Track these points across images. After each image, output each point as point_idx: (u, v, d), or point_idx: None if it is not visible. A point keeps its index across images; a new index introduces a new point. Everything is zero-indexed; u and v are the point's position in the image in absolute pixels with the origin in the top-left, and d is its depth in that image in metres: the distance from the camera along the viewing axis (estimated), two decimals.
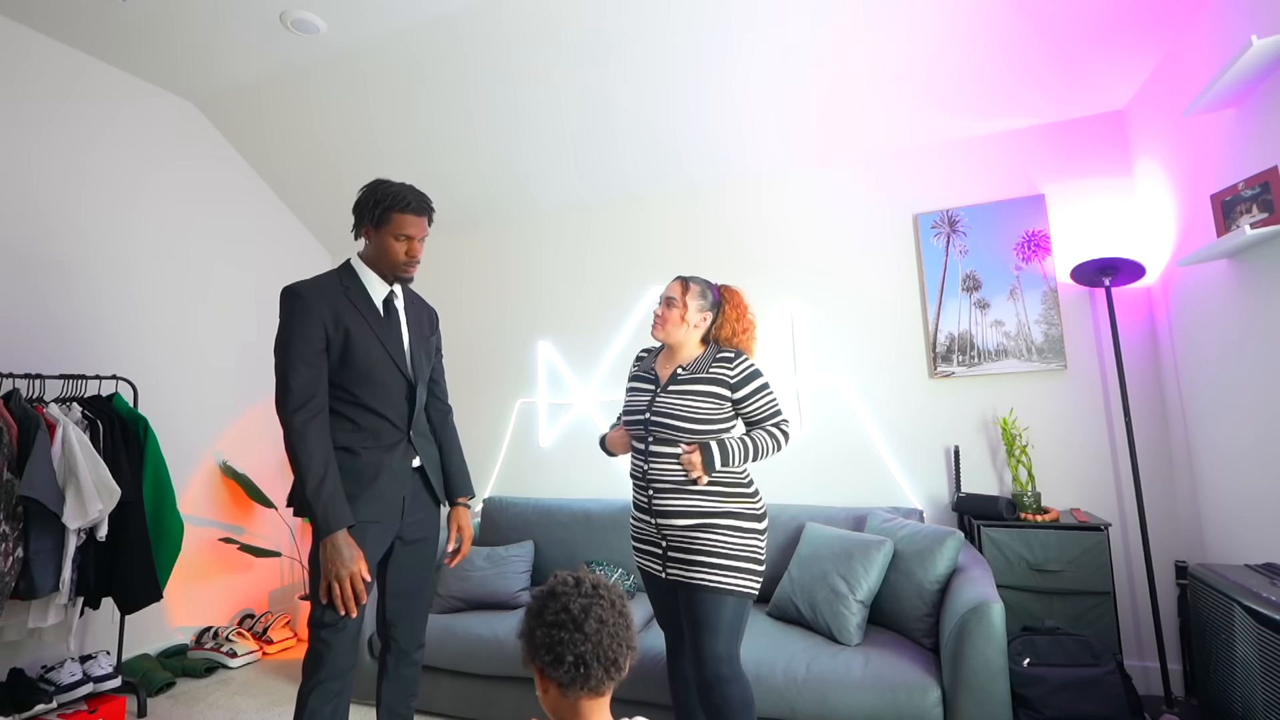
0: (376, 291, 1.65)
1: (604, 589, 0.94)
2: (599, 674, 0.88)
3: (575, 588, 0.93)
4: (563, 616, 0.90)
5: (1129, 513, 2.43)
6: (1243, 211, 1.78)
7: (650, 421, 1.71)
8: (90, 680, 2.40)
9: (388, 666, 1.71)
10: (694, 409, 1.67)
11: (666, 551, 1.68)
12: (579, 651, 0.88)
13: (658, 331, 1.77)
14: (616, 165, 3.13)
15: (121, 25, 2.61)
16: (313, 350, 1.52)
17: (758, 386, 1.70)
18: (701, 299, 1.75)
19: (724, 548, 1.61)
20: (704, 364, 1.73)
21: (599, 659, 0.89)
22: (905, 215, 2.82)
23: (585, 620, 0.89)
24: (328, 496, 1.47)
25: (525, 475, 3.41)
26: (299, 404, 1.49)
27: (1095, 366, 2.52)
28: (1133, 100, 2.48)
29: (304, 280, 1.59)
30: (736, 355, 1.72)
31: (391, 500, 1.61)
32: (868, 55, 2.46)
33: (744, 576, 1.61)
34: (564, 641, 0.89)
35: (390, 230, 1.60)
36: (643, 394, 1.79)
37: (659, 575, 1.72)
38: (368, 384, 1.58)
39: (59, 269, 2.67)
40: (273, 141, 3.34)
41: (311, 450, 1.47)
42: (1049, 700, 1.89)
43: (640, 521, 1.76)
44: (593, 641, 0.89)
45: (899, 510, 2.52)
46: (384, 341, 1.62)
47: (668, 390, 1.72)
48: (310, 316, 1.52)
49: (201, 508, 3.14)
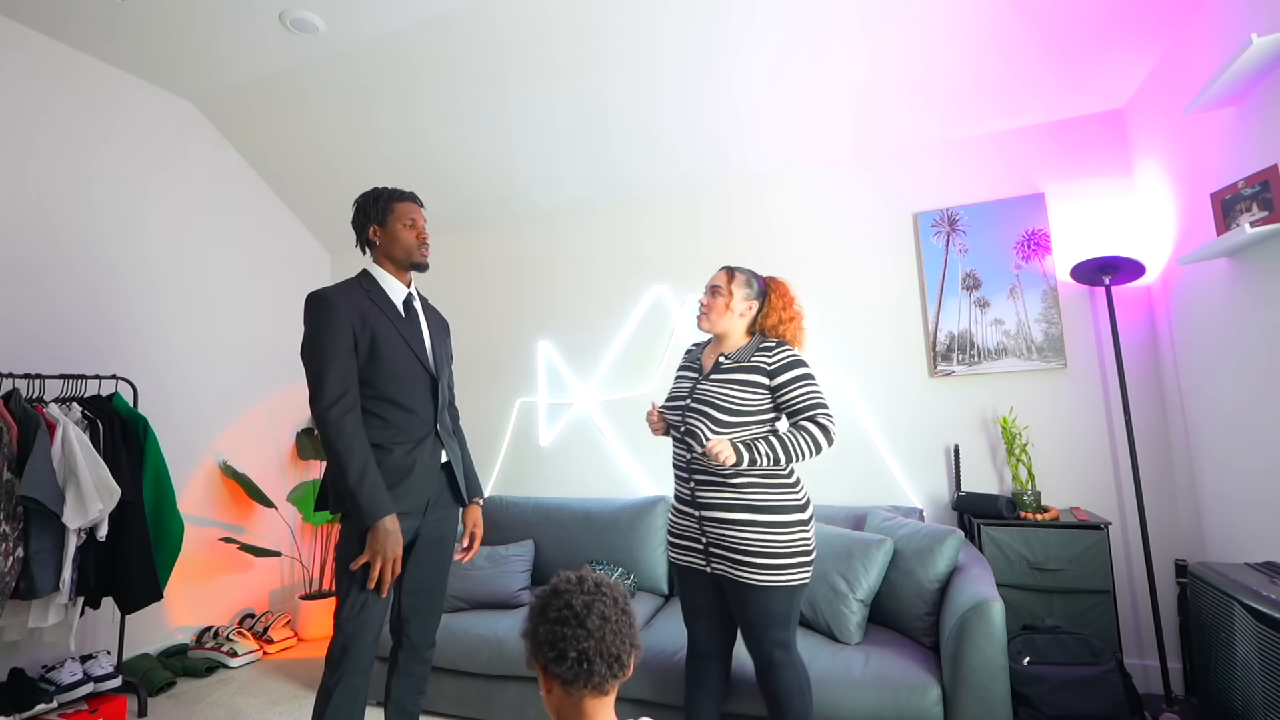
0: (396, 293, 1.73)
1: (606, 586, 0.94)
2: (602, 671, 0.88)
3: (578, 585, 0.93)
4: (565, 613, 0.90)
5: (1129, 511, 2.43)
6: (1242, 210, 1.78)
7: (690, 409, 1.69)
8: (91, 680, 2.40)
9: (399, 663, 1.74)
10: (733, 398, 1.64)
11: (709, 547, 1.67)
12: (582, 648, 0.88)
13: (703, 322, 1.76)
14: (614, 165, 3.13)
15: (121, 25, 2.61)
16: (343, 349, 1.58)
17: (797, 375, 1.64)
18: (747, 287, 1.75)
19: (772, 546, 1.58)
20: (746, 353, 1.70)
21: (602, 655, 0.88)
22: (905, 214, 2.82)
23: (588, 616, 0.89)
24: (371, 485, 1.52)
25: (525, 474, 3.41)
26: (333, 399, 1.54)
27: (1095, 365, 2.52)
28: (1133, 99, 2.48)
29: (327, 286, 1.66)
30: (778, 344, 1.69)
31: (421, 496, 1.66)
32: (867, 55, 2.46)
33: (794, 571, 1.59)
34: (567, 638, 0.88)
35: (396, 219, 1.71)
36: (685, 382, 1.77)
37: (702, 569, 1.70)
38: (395, 380, 1.64)
39: (58, 269, 2.67)
40: (272, 141, 3.34)
41: (350, 443, 1.53)
42: (1049, 699, 1.89)
43: (681, 515, 1.74)
44: (595, 638, 0.89)
45: (899, 509, 2.52)
46: (407, 339, 1.68)
47: (709, 378, 1.70)
48: (339, 318, 1.58)
49: (202, 507, 3.14)
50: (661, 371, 3.16)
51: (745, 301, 1.74)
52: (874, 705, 1.79)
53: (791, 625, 1.63)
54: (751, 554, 1.59)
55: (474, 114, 2.96)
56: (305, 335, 1.60)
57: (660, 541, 2.71)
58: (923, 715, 1.75)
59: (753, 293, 1.75)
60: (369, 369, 1.61)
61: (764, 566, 1.58)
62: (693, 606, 1.77)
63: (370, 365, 1.61)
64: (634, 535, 2.71)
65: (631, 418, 3.21)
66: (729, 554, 1.62)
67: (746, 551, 1.59)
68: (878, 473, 2.76)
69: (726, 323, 1.74)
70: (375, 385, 1.62)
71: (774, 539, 1.59)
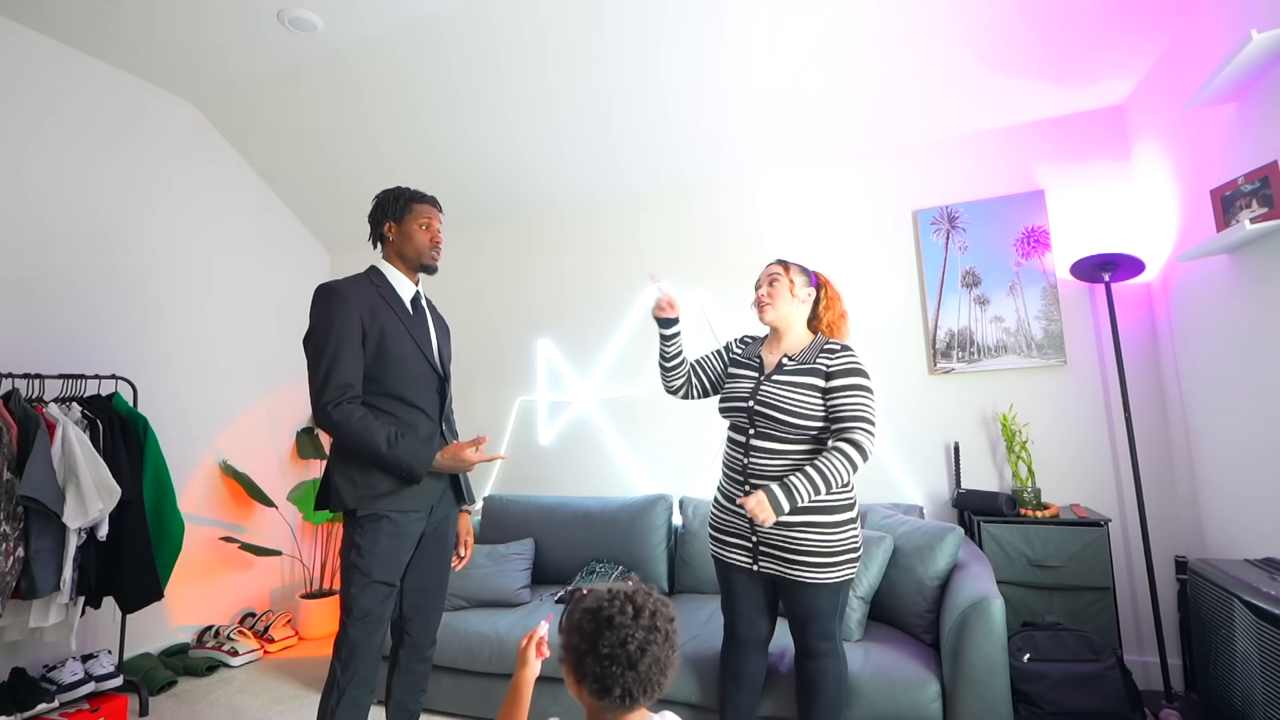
0: (404, 290, 1.74)
1: (661, 620, 0.90)
2: (641, 702, 0.88)
3: (634, 620, 0.88)
4: (618, 652, 0.86)
5: (1129, 508, 2.43)
6: (1242, 206, 1.77)
7: (755, 411, 1.65)
8: (92, 679, 2.40)
9: (400, 661, 1.75)
10: (797, 402, 1.62)
11: (758, 546, 1.66)
12: (628, 687, 0.86)
13: (767, 312, 1.73)
14: (614, 161, 3.12)
15: (118, 24, 2.60)
16: (353, 342, 1.58)
17: (853, 384, 1.60)
18: (803, 275, 1.75)
19: (824, 546, 1.58)
20: (811, 354, 1.67)
21: (645, 691, 0.87)
22: (904, 211, 2.82)
23: (641, 660, 0.86)
24: (405, 442, 1.56)
25: (526, 473, 3.41)
26: (339, 394, 1.55)
27: (1095, 362, 2.51)
28: (1132, 95, 2.48)
29: (337, 280, 1.67)
30: (843, 348, 1.66)
31: (430, 494, 1.66)
32: (866, 51, 2.45)
33: (844, 568, 1.60)
34: (615, 676, 0.86)
35: (414, 219, 1.72)
36: (745, 380, 1.74)
37: (748, 568, 1.68)
38: (402, 376, 1.65)
39: (57, 268, 2.67)
40: (271, 140, 3.34)
41: (364, 422, 1.55)
42: (1049, 695, 1.89)
43: (729, 513, 1.71)
44: (644, 680, 0.86)
45: (899, 506, 2.52)
46: (415, 336, 1.69)
47: (772, 379, 1.67)
48: (349, 310, 1.59)
49: (202, 507, 3.14)
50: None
51: (805, 288, 1.74)
52: (873, 701, 1.79)
53: (838, 618, 1.65)
54: (804, 553, 1.59)
55: (473, 111, 2.96)
56: (312, 326, 1.60)
57: (660, 539, 2.71)
58: (922, 712, 1.75)
59: (808, 281, 1.75)
60: (377, 365, 1.62)
61: (816, 565, 1.58)
62: (734, 600, 1.75)
63: (378, 361, 1.62)
64: (634, 533, 2.71)
65: (632, 416, 3.21)
66: (782, 554, 1.62)
67: (800, 551, 1.59)
68: (878, 470, 2.76)
69: (789, 310, 1.72)
70: (382, 381, 1.63)
71: (826, 539, 1.58)
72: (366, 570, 1.56)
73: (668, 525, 2.77)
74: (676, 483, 3.06)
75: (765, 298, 1.74)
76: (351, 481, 1.58)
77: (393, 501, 1.59)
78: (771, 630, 1.78)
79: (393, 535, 1.59)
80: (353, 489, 1.58)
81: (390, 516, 1.58)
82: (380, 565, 1.57)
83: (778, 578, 1.64)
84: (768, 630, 1.77)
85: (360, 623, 1.56)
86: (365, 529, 1.57)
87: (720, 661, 1.82)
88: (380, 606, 1.58)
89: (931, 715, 1.75)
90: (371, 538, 1.57)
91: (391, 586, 1.61)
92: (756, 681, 1.78)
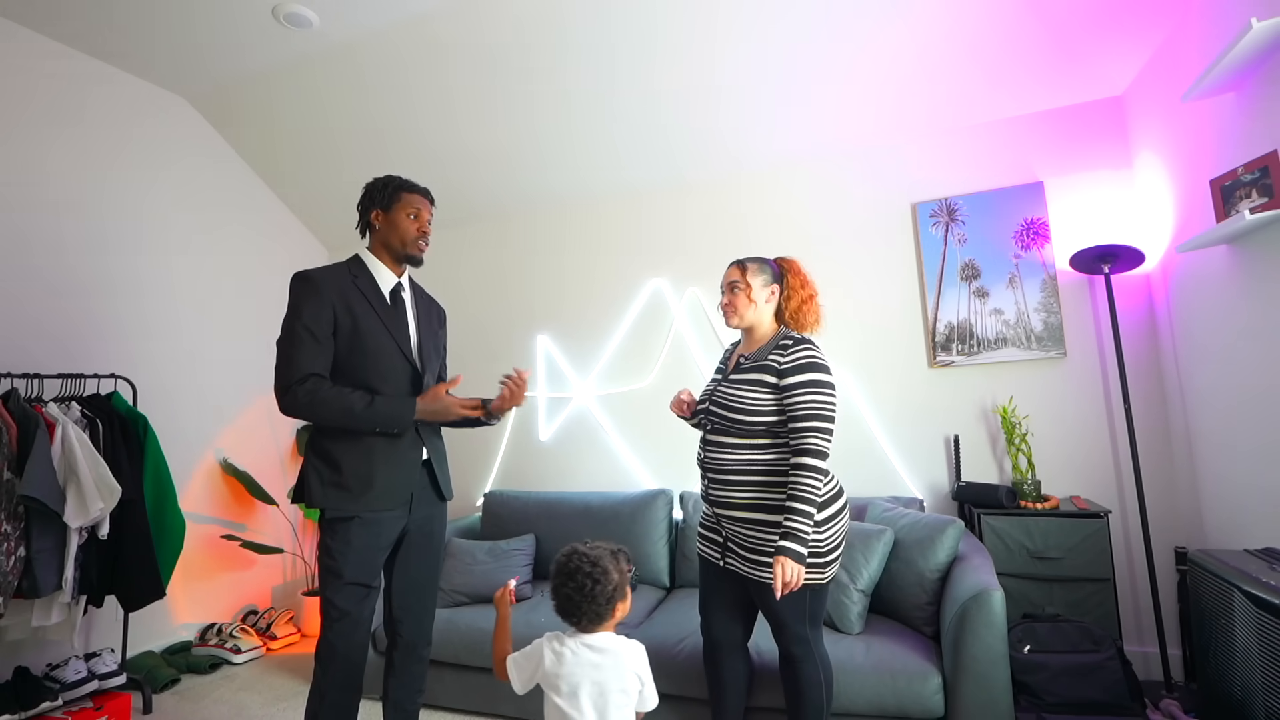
0: (384, 281, 1.70)
1: (598, 571, 1.34)
2: (584, 623, 1.35)
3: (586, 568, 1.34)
4: (571, 587, 1.35)
5: (1129, 499, 2.43)
6: (1242, 196, 1.77)
7: (710, 411, 1.69)
8: (95, 678, 2.41)
9: (394, 662, 1.73)
10: (742, 399, 1.62)
11: (726, 542, 1.67)
12: (579, 611, 1.35)
13: (731, 319, 1.73)
14: (612, 157, 3.11)
15: (113, 20, 2.59)
16: (321, 331, 1.56)
17: (805, 380, 1.55)
18: (762, 274, 1.71)
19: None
20: (765, 351, 1.66)
21: (591, 617, 1.34)
22: (903, 204, 2.81)
23: (583, 595, 1.34)
24: (379, 401, 1.57)
25: (525, 469, 3.41)
26: (299, 378, 1.53)
27: (1095, 354, 2.51)
28: (1131, 86, 2.47)
29: (313, 268, 1.64)
30: (797, 342, 1.61)
31: (401, 490, 1.63)
32: (864, 45, 2.44)
33: (810, 571, 1.53)
34: (572, 602, 1.35)
35: (402, 208, 1.69)
36: (712, 382, 1.79)
37: (717, 563, 1.70)
38: (375, 370, 1.62)
39: (55, 267, 2.66)
40: (267, 137, 3.32)
41: (331, 393, 1.54)
42: (1049, 686, 1.90)
43: (706, 507, 1.75)
44: (589, 607, 1.34)
45: (899, 499, 2.53)
46: (390, 329, 1.65)
47: (729, 379, 1.69)
48: (320, 299, 1.57)
49: (203, 505, 3.14)
50: (661, 365, 3.16)
51: (765, 289, 1.71)
52: (875, 693, 1.79)
53: (810, 621, 1.60)
54: (765, 554, 1.55)
55: (469, 108, 2.95)
56: (287, 313, 1.58)
57: (661, 534, 2.72)
58: (924, 703, 1.76)
59: (770, 278, 1.72)
60: (348, 359, 1.59)
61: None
62: (706, 598, 1.76)
63: (349, 355, 1.59)
64: (635, 528, 2.71)
65: (631, 412, 3.21)
66: (745, 552, 1.60)
67: (761, 552, 1.56)
68: (878, 463, 2.76)
69: (753, 314, 1.71)
70: (355, 374, 1.60)
71: None
72: (339, 572, 1.54)
73: (668, 520, 2.77)
74: (677, 477, 3.07)
75: (726, 306, 1.74)
76: (320, 477, 1.56)
77: (363, 502, 1.56)
78: (747, 632, 1.77)
79: (365, 535, 1.56)
80: (320, 485, 1.56)
81: (361, 516, 1.56)
82: (353, 566, 1.55)
83: (749, 580, 1.62)
84: (742, 632, 1.75)
85: (338, 624, 1.54)
86: (336, 530, 1.56)
87: (704, 665, 1.81)
88: (358, 607, 1.56)
89: (933, 707, 1.76)
90: (343, 539, 1.55)
91: (368, 587, 1.58)
92: (738, 684, 1.76)
